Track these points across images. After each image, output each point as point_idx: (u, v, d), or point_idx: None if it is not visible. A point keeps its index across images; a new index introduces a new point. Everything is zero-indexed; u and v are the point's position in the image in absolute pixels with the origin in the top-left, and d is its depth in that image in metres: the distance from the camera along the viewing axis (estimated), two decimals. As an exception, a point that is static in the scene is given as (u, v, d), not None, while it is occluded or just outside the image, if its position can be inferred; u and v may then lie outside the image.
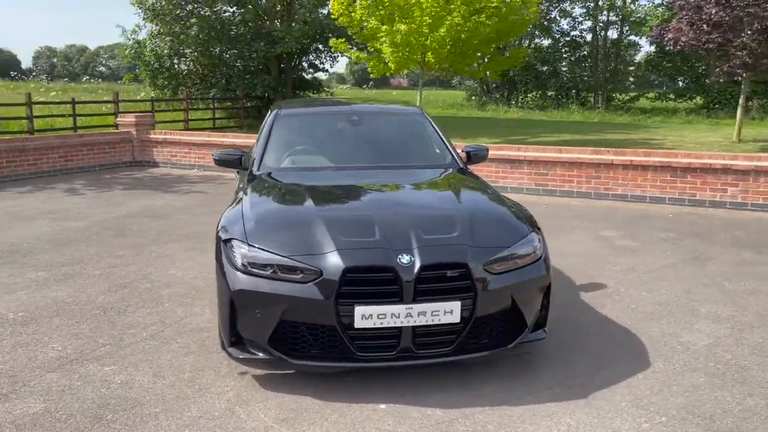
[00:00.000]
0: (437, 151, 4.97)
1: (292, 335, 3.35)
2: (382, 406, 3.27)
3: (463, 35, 14.93)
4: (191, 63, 22.74)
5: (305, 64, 25.22)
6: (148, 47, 22.29)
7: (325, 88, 27.06)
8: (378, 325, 3.23)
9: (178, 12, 20.56)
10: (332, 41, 15.68)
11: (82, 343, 4.05)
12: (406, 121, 5.30)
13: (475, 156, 5.05)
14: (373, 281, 3.24)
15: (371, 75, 16.01)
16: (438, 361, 3.41)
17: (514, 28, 15.85)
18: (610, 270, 5.70)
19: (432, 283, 3.28)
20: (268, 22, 21.58)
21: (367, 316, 3.21)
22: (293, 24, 20.69)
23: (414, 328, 3.28)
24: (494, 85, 35.05)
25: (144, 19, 21.01)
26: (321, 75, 27.00)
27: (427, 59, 15.74)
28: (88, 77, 64.40)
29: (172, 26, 20.89)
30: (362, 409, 3.23)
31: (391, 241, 3.36)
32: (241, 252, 3.40)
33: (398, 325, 3.24)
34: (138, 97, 23.46)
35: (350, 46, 16.39)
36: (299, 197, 3.96)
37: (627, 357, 3.88)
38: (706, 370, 3.71)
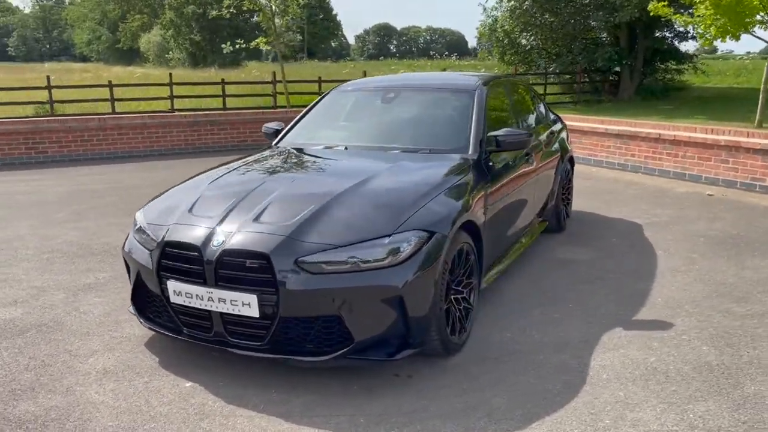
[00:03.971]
0: (459, 135, 4.34)
1: (148, 299, 3.58)
2: (188, 384, 3.28)
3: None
4: (532, 38, 22.56)
5: (668, 33, 22.45)
6: (499, 24, 22.94)
7: (694, 59, 23.58)
8: (188, 304, 3.24)
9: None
10: (651, 5, 13.68)
11: (116, 276, 4.93)
12: (446, 100, 4.71)
13: (504, 142, 4.23)
14: (184, 259, 3.24)
15: (699, 44, 13.54)
16: (254, 354, 3.20)
17: None
18: (720, 311, 4.16)
19: (234, 271, 3.11)
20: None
21: (178, 292, 3.25)
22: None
23: (222, 314, 3.18)
24: None
25: (487, -3, 21.71)
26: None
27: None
28: (457, 54, 68.65)
29: (512, 2, 21.05)
30: (171, 382, 3.30)
31: (223, 222, 3.28)
32: (139, 218, 3.75)
33: (203, 307, 3.19)
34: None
35: (674, 10, 14.04)
36: (224, 170, 4.07)
37: (508, 417, 2.98)
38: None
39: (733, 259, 5.23)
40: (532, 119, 5.53)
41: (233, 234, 3.18)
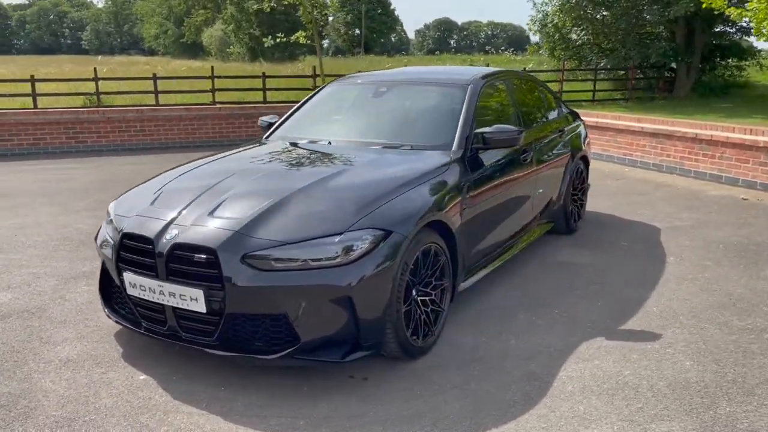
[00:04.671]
0: (444, 132, 4.18)
1: (113, 291, 3.59)
2: (142, 377, 3.27)
3: None
4: (583, 32, 21.85)
5: (729, 28, 21.34)
6: (549, 18, 22.34)
7: (758, 55, 22.33)
8: (143, 296, 3.22)
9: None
10: (705, -4, 12.94)
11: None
12: (437, 95, 4.55)
13: (492, 140, 4.06)
14: (139, 251, 3.23)
15: (757, 39, 12.77)
16: (208, 351, 3.13)
17: None
18: (717, 324, 3.90)
19: (183, 265, 3.08)
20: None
21: (133, 284, 3.24)
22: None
23: (174, 308, 3.15)
24: None
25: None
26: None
27: None
28: (513, 49, 66.18)
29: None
30: (126, 374, 3.29)
31: (180, 215, 3.25)
32: (110, 209, 3.76)
33: (156, 300, 3.17)
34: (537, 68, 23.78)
35: (728, 3, 13.23)
36: (198, 163, 4.05)
37: (454, 426, 2.85)
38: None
39: (750, 268, 4.89)
40: (535, 115, 5.30)
41: (186, 228, 3.14)
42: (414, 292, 3.36)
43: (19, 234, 5.92)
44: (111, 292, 3.61)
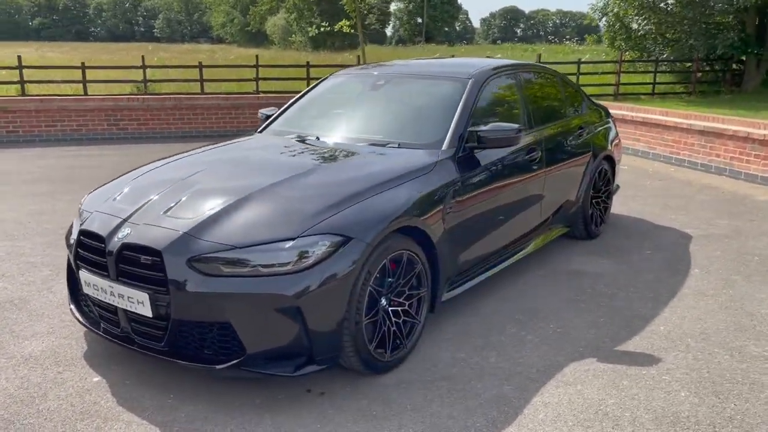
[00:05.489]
0: (435, 129, 3.90)
1: (78, 290, 3.47)
2: (96, 379, 3.16)
3: None
4: (645, 22, 20.76)
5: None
6: (609, 7, 21.36)
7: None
8: (97, 296, 3.11)
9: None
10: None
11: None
12: (435, 89, 4.25)
13: (486, 138, 3.76)
14: (93, 249, 3.11)
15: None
16: (161, 357, 3.00)
17: None
18: (728, 349, 3.50)
19: (131, 266, 2.94)
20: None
21: (87, 283, 3.14)
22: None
23: (126, 310, 3.02)
24: None
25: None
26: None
27: None
28: (577, 39, 62.74)
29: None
30: (81, 375, 3.19)
31: (135, 214, 3.11)
32: (82, 203, 3.67)
33: (108, 301, 3.05)
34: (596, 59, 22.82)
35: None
36: (170, 159, 3.92)
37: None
38: None
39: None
40: (551, 112, 4.93)
41: (138, 227, 3.01)
42: (383, 302, 3.13)
43: (32, 221, 5.98)
44: (77, 289, 3.51)
